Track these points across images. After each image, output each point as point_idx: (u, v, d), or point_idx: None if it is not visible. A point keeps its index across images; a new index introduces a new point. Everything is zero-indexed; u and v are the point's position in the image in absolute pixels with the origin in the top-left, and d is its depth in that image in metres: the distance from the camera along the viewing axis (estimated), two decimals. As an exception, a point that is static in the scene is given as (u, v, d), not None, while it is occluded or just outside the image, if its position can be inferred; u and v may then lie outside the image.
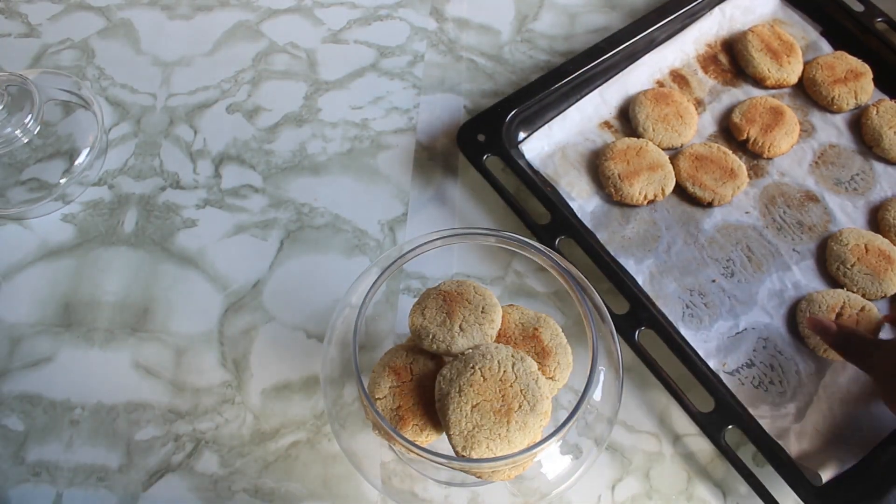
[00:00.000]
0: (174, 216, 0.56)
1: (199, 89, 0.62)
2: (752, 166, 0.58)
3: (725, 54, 0.63)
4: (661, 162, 0.55)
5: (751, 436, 0.45)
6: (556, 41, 0.66)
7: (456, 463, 0.35)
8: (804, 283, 0.52)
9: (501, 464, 0.34)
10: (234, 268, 0.53)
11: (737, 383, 0.48)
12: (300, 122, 0.60)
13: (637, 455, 0.47)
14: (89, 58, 0.63)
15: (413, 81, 0.63)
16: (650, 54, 0.61)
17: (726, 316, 0.51)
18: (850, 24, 0.63)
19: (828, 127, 0.59)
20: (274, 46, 0.64)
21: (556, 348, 0.40)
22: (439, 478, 0.41)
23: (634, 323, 0.48)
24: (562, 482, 0.39)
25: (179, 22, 0.66)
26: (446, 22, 0.66)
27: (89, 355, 0.50)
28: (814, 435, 0.46)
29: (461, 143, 0.56)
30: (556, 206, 0.53)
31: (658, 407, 0.49)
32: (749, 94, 0.61)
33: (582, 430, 0.39)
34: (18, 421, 0.48)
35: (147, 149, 0.59)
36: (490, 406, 0.35)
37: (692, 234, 0.54)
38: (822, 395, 0.48)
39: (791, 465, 0.44)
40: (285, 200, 0.56)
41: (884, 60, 0.61)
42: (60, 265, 0.53)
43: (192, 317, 0.51)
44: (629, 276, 0.52)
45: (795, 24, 0.65)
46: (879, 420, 0.47)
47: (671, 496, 0.46)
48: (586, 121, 0.59)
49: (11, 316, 0.51)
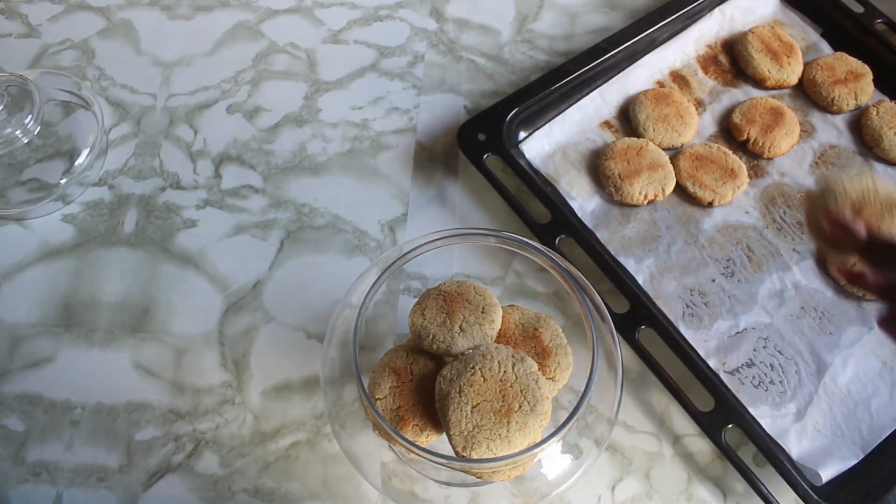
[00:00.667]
0: (174, 216, 0.56)
1: (199, 89, 0.62)
2: (753, 166, 0.58)
3: (726, 55, 0.63)
4: (662, 162, 0.55)
5: (751, 435, 0.45)
6: (556, 41, 0.66)
7: (456, 463, 0.35)
8: (804, 283, 0.52)
9: (502, 464, 0.34)
10: (234, 268, 0.53)
11: (737, 383, 0.48)
12: (300, 123, 0.60)
13: (637, 455, 0.47)
14: (89, 58, 0.63)
15: (413, 82, 0.63)
16: (650, 55, 0.61)
17: (726, 315, 0.51)
18: (850, 26, 0.63)
19: (828, 127, 0.59)
20: (274, 47, 0.64)
21: (556, 349, 0.40)
22: (439, 478, 0.41)
23: (634, 322, 0.48)
24: (562, 482, 0.39)
25: (179, 22, 0.66)
26: (446, 22, 0.66)
27: (89, 355, 0.50)
28: (814, 434, 0.46)
29: (461, 142, 0.56)
30: (557, 205, 0.53)
31: (658, 407, 0.49)
32: (749, 95, 0.61)
33: (582, 430, 0.39)
34: (19, 421, 0.48)
35: (147, 149, 0.59)
36: (490, 406, 0.35)
37: (692, 233, 0.54)
38: (822, 395, 0.48)
39: (791, 465, 0.44)
40: (285, 201, 0.56)
41: (883, 61, 0.61)
42: (60, 265, 0.53)
43: (192, 317, 0.51)
44: (629, 275, 0.52)
45: (795, 26, 0.65)
46: (879, 420, 0.47)
47: (671, 496, 0.46)
48: (587, 120, 0.59)
49: (12, 316, 0.51)
